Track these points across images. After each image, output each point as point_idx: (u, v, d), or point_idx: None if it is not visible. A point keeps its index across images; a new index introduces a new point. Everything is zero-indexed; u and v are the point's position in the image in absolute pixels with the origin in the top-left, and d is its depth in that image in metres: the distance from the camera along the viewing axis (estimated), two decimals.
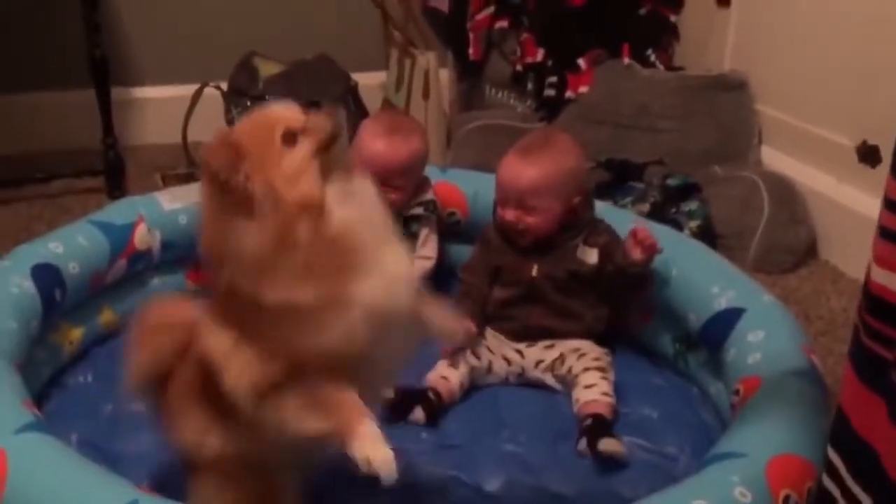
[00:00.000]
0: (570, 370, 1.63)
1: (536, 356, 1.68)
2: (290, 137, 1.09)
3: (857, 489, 1.04)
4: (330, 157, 1.11)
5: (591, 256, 1.69)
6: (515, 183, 1.67)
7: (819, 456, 1.19)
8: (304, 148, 1.09)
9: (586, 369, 1.61)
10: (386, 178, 1.73)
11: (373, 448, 1.02)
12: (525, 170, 1.67)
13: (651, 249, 1.63)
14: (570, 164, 1.69)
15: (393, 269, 1.11)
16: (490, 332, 1.70)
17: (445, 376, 1.61)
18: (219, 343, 1.11)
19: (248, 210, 1.06)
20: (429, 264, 1.88)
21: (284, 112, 1.13)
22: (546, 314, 1.69)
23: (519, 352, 1.69)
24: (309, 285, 1.05)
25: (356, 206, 1.11)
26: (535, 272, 1.69)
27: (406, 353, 1.18)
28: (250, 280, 1.06)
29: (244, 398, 1.09)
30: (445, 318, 1.24)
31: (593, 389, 1.58)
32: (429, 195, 1.91)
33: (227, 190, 1.06)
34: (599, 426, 1.50)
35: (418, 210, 1.89)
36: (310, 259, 1.05)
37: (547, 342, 1.69)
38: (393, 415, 1.51)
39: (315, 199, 1.07)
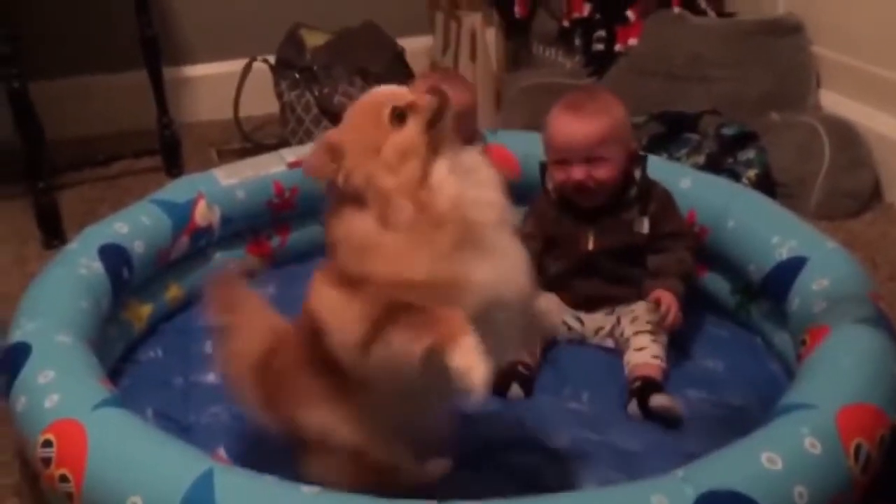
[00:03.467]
0: (622, 333, 1.63)
1: (597, 324, 1.68)
2: (400, 116, 1.10)
3: None
4: (440, 132, 1.11)
5: (644, 226, 1.66)
6: (581, 138, 1.63)
7: (891, 404, 1.17)
8: (413, 125, 1.10)
9: (637, 332, 1.60)
10: None
11: (471, 359, 1.00)
12: (587, 123, 1.63)
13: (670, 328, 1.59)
14: (621, 112, 1.67)
15: (510, 254, 1.11)
16: (550, 297, 1.69)
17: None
18: (328, 300, 1.12)
19: (355, 200, 1.08)
20: None
21: (391, 91, 1.14)
22: (603, 284, 1.68)
23: (579, 319, 1.69)
24: (421, 261, 1.05)
25: (471, 184, 1.10)
26: (590, 245, 1.67)
27: (512, 339, 1.16)
28: (359, 262, 1.07)
29: (352, 350, 1.09)
30: (550, 310, 1.21)
31: (644, 353, 1.57)
32: (479, 146, 1.90)
33: (335, 189, 1.09)
34: (648, 387, 1.50)
35: None
36: (418, 234, 1.05)
37: (606, 309, 1.68)
38: (492, 394, 1.52)
39: (414, 185, 1.07)
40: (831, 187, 2.14)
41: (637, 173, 1.68)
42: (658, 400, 1.46)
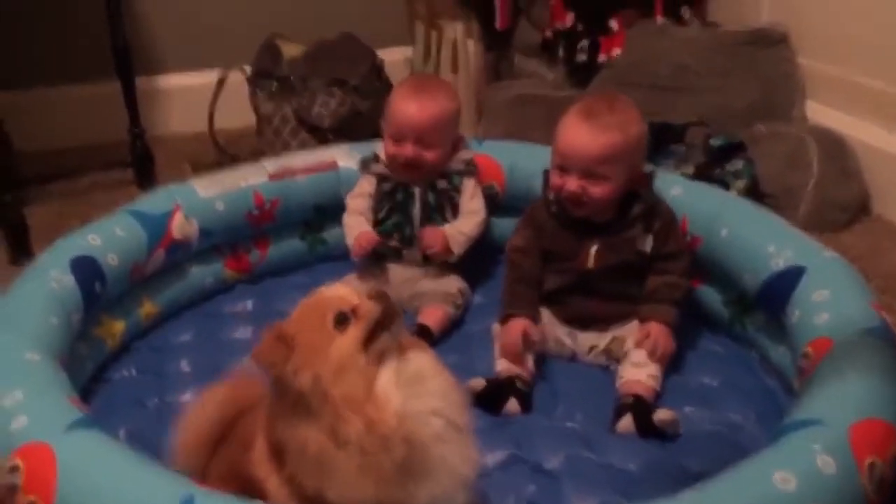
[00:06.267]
0: (622, 346, 1.58)
1: (590, 342, 1.62)
2: (343, 320, 1.06)
3: None
4: (385, 339, 1.07)
5: (647, 244, 1.60)
6: (585, 150, 1.54)
7: None
8: (355, 332, 1.06)
9: (638, 347, 1.55)
10: (420, 138, 1.76)
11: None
12: (596, 136, 1.54)
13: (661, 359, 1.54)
14: (637, 130, 1.58)
15: (457, 468, 1.08)
16: (544, 312, 1.64)
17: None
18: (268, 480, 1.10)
19: (303, 405, 1.04)
20: (479, 219, 1.83)
21: (337, 293, 1.10)
22: (600, 302, 1.62)
23: (572, 336, 1.63)
24: (369, 487, 1.03)
25: (416, 394, 1.07)
26: (591, 263, 1.59)
27: None
28: (312, 478, 1.05)
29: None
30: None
31: (640, 370, 1.51)
32: (468, 154, 1.86)
33: (281, 385, 1.05)
34: (643, 405, 1.44)
35: (459, 166, 1.84)
36: (367, 457, 1.03)
37: (601, 326, 1.62)
38: (486, 407, 1.47)
39: (359, 397, 1.04)
40: (820, 198, 2.12)
41: (644, 190, 1.60)
42: (662, 414, 1.41)
